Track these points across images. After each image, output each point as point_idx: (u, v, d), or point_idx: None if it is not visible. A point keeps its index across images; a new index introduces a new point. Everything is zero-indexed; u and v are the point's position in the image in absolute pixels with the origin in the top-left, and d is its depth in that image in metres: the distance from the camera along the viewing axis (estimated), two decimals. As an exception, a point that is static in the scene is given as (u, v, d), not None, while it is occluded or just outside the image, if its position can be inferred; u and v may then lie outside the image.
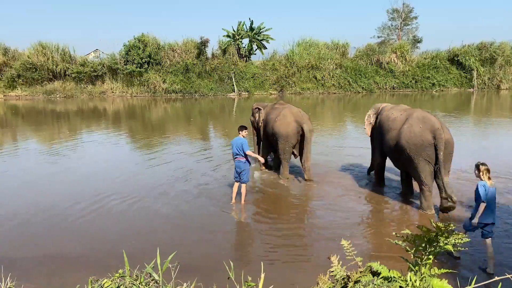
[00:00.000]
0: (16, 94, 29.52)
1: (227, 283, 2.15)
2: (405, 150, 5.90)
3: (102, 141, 12.92)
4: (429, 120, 5.87)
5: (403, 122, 6.12)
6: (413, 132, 5.84)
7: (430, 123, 5.80)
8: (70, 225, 5.77)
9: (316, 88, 30.64)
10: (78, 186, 7.52)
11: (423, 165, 5.78)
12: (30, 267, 4.53)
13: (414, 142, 5.80)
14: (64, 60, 30.23)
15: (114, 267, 2.41)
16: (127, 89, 30.35)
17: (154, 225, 5.72)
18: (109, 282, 2.01)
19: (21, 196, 7.05)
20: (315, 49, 31.50)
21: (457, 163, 7.47)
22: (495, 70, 31.60)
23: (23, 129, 16.09)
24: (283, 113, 7.88)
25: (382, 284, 1.69)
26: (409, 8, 40.05)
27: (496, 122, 15.64)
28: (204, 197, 6.89)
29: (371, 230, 5.58)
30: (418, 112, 6.19)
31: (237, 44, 31.12)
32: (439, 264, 4.09)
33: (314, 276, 2.02)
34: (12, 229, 5.65)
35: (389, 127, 6.41)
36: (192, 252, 4.82)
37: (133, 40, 29.77)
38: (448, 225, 1.68)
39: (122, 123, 17.66)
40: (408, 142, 5.85)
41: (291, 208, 6.52)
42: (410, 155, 5.85)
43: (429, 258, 1.72)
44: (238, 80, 30.14)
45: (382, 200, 6.75)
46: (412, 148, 5.79)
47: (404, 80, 31.14)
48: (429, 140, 5.70)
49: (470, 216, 4.42)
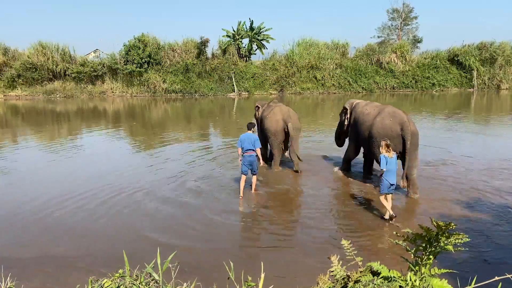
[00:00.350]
0: (16, 94, 29.53)
1: (227, 283, 2.15)
2: (376, 139, 6.67)
3: (102, 141, 12.93)
4: (398, 114, 6.67)
5: (376, 116, 6.95)
6: (384, 124, 6.66)
7: (399, 117, 6.59)
8: (70, 225, 5.76)
9: (316, 88, 30.65)
10: (78, 186, 7.51)
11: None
12: (30, 267, 4.53)
13: (384, 133, 6.54)
14: (64, 60, 30.23)
15: (114, 267, 2.41)
16: (127, 89, 30.37)
17: (154, 225, 5.71)
18: (109, 282, 2.01)
19: (21, 196, 7.05)
20: (315, 49, 31.51)
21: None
22: (495, 70, 31.63)
23: (23, 128, 16.10)
24: (273, 111, 8.49)
25: (382, 284, 1.69)
26: (409, 8, 40.12)
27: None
28: (204, 197, 6.88)
29: (371, 229, 5.57)
30: (389, 108, 6.99)
31: (237, 44, 31.13)
32: (439, 264, 4.09)
33: (314, 276, 2.02)
34: (12, 229, 5.65)
35: (364, 120, 7.26)
36: (192, 252, 4.81)
37: (133, 40, 29.78)
38: (448, 224, 1.67)
39: (123, 122, 17.67)
40: (379, 132, 6.65)
41: (291, 208, 6.52)
42: (379, 144, 6.34)
43: (429, 258, 1.72)
44: (238, 80, 30.15)
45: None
46: (382, 137, 6.33)
47: (404, 80, 31.16)
48: (397, 131, 6.48)
49: (391, 183, 5.56)
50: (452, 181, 7.46)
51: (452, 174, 7.89)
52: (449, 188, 7.06)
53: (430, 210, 6.05)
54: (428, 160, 9.05)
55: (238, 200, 6.71)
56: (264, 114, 8.72)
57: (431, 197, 6.61)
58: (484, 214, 5.84)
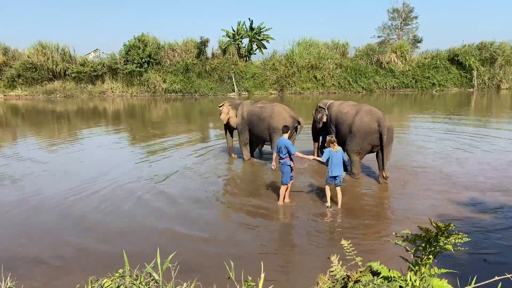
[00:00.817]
0: (16, 94, 29.55)
1: (227, 283, 2.15)
2: (356, 136, 7.45)
3: (102, 141, 12.92)
4: (375, 112, 7.45)
5: (355, 114, 7.60)
6: (363, 122, 7.38)
7: (376, 115, 7.36)
8: (70, 224, 5.77)
9: (316, 88, 30.64)
10: (78, 186, 7.51)
11: (365, 145, 7.45)
12: (30, 267, 4.53)
13: (364, 129, 7.33)
14: (64, 60, 30.26)
15: (114, 267, 2.41)
16: (127, 89, 30.38)
17: (154, 225, 5.71)
18: (109, 282, 2.01)
19: (21, 196, 7.05)
20: (315, 49, 31.50)
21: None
22: (495, 70, 31.61)
23: (23, 128, 16.09)
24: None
25: (382, 284, 1.69)
26: (409, 8, 40.01)
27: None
28: (204, 196, 6.88)
29: (371, 229, 5.57)
30: (366, 106, 7.76)
31: (237, 44, 31.12)
32: (439, 264, 4.09)
33: (314, 276, 2.02)
34: (12, 228, 5.65)
35: (343, 119, 7.86)
36: (192, 252, 4.81)
37: (133, 40, 29.79)
38: (448, 225, 1.67)
39: (122, 122, 17.66)
40: (360, 129, 7.38)
41: (291, 208, 6.52)
42: (358, 139, 7.42)
43: (429, 258, 1.72)
44: (238, 80, 30.15)
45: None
46: (362, 134, 7.35)
47: (404, 80, 31.15)
48: (375, 127, 7.24)
49: (335, 175, 6.11)
50: (452, 180, 7.46)
51: (452, 174, 7.89)
52: (449, 188, 7.06)
53: (430, 210, 6.05)
54: (428, 160, 9.05)
55: (238, 200, 6.71)
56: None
57: (431, 197, 6.62)
58: (484, 214, 5.84)
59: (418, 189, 7.00)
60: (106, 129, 15.80)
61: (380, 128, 7.18)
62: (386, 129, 7.14)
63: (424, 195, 6.67)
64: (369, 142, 7.36)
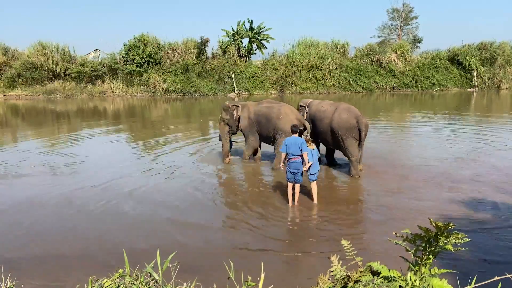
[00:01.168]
0: (16, 94, 29.57)
1: (227, 283, 2.15)
2: (337, 132, 7.74)
3: (102, 141, 12.92)
4: (353, 109, 7.77)
5: (333, 112, 7.93)
6: (342, 118, 7.70)
7: (354, 112, 7.69)
8: (70, 224, 5.77)
9: (316, 88, 30.64)
10: (76, 186, 7.51)
11: (351, 142, 7.66)
12: (30, 267, 4.53)
13: (343, 126, 7.65)
14: (64, 60, 30.28)
15: (114, 267, 2.41)
16: (127, 88, 30.39)
17: (154, 225, 5.71)
18: (109, 281, 2.01)
19: (21, 195, 7.05)
20: (315, 49, 31.52)
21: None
22: (495, 70, 31.63)
23: (23, 129, 16.08)
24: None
25: (382, 284, 1.69)
26: (409, 8, 40.03)
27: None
28: (204, 196, 6.88)
29: (371, 229, 5.57)
30: (344, 104, 8.14)
31: (237, 44, 31.13)
32: (439, 264, 4.09)
33: (314, 276, 2.02)
34: (12, 228, 5.65)
35: (321, 117, 8.22)
36: (192, 252, 4.81)
37: (133, 40, 29.79)
38: (447, 224, 1.67)
39: (122, 122, 17.66)
40: (339, 125, 7.70)
41: (291, 208, 6.52)
42: (341, 136, 7.69)
43: (429, 258, 1.72)
44: (238, 80, 30.16)
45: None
46: (343, 130, 7.65)
47: (404, 80, 31.16)
48: (354, 123, 7.56)
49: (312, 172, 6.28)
50: (452, 180, 7.46)
51: (452, 174, 7.89)
52: (449, 187, 7.06)
53: (430, 209, 6.05)
54: (428, 160, 9.04)
55: (238, 200, 6.71)
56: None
57: (431, 196, 6.62)
58: (484, 213, 5.83)
59: (418, 189, 7.00)
60: (106, 129, 15.79)
61: (359, 124, 7.50)
62: (364, 125, 7.50)
63: (424, 195, 6.67)
64: (353, 136, 7.61)
